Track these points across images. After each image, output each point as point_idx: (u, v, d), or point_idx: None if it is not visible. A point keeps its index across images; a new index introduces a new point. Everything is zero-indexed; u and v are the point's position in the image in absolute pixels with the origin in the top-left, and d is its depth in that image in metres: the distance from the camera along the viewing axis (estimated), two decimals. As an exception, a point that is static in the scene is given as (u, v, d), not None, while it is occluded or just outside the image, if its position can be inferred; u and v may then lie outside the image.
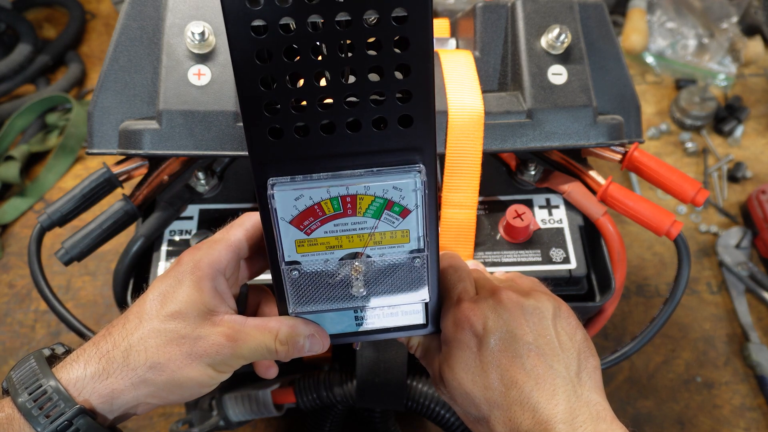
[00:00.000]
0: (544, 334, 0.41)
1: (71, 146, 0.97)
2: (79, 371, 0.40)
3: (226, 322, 0.41)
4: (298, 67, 0.35)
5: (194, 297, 0.41)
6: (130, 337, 0.40)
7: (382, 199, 0.39)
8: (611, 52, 0.61)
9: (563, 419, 0.38)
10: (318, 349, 0.43)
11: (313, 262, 0.40)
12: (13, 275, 0.88)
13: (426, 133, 0.38)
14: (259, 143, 0.37)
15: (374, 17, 0.34)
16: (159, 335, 0.40)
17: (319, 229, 0.39)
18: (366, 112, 0.36)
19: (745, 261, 0.89)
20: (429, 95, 0.37)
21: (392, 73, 0.35)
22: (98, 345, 0.41)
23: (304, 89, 0.35)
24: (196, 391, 0.41)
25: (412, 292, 0.42)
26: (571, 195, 0.58)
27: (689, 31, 1.09)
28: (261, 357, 0.42)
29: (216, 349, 0.40)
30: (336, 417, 0.69)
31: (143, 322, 0.41)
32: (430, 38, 0.35)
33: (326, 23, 0.33)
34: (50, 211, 0.54)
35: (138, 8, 0.56)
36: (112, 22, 1.15)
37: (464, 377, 0.41)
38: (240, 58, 0.34)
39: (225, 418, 0.67)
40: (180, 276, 0.42)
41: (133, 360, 0.40)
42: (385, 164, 0.38)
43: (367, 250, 0.40)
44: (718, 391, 0.81)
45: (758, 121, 1.05)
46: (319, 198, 0.38)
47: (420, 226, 0.40)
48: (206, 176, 0.58)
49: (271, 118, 0.36)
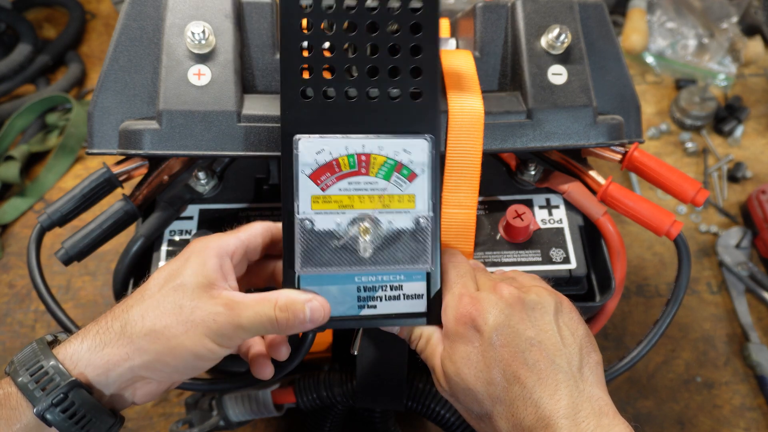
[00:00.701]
0: (545, 329, 0.41)
1: (71, 146, 0.97)
2: (76, 346, 0.41)
3: (224, 296, 0.41)
4: (332, 39, 0.43)
5: (198, 271, 0.42)
6: (129, 311, 0.41)
7: (393, 160, 0.44)
8: (611, 52, 0.61)
9: (566, 414, 0.38)
10: (319, 317, 0.43)
11: (325, 221, 0.44)
12: (13, 275, 0.88)
13: (432, 106, 0.45)
14: (292, 103, 0.43)
15: (396, 5, 0.43)
16: (158, 306, 0.41)
17: (334, 186, 0.44)
18: (383, 83, 0.44)
19: (745, 261, 0.89)
20: (435, 74, 0.44)
21: (407, 51, 0.44)
22: (98, 322, 0.42)
23: (335, 58, 0.44)
24: (191, 363, 0.41)
25: (416, 260, 0.45)
26: (571, 195, 0.58)
27: (689, 31, 1.09)
28: (262, 328, 0.42)
29: (213, 317, 0.40)
30: (336, 417, 0.68)
31: (144, 297, 0.41)
32: (438, 27, 0.44)
33: (358, 5, 0.43)
34: (50, 211, 0.54)
35: (138, 8, 0.56)
36: (112, 22, 1.15)
37: (466, 372, 0.41)
38: (287, 27, 0.43)
39: (225, 418, 0.67)
40: (188, 255, 0.43)
41: (130, 329, 0.40)
42: (397, 132, 0.44)
43: (375, 213, 0.44)
44: (718, 391, 0.81)
45: (758, 121, 1.05)
46: (338, 153, 0.44)
47: (426, 191, 0.45)
48: (206, 176, 0.58)
49: (304, 80, 0.43)
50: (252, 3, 0.56)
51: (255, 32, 0.56)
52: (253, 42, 0.57)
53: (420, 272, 0.46)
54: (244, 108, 0.53)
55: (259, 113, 0.53)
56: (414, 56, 0.44)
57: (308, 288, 0.45)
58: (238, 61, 0.54)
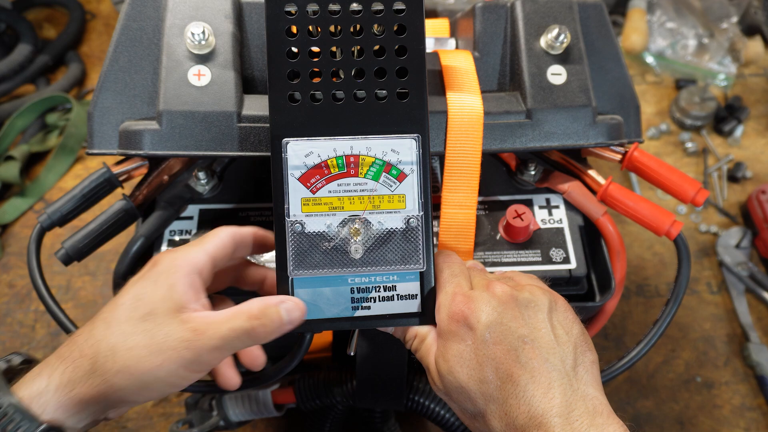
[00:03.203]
0: (539, 327, 0.41)
1: (71, 146, 0.97)
2: (42, 385, 0.38)
3: (194, 318, 0.40)
4: (318, 42, 0.44)
5: (166, 295, 0.40)
6: (98, 345, 0.39)
7: (381, 161, 0.44)
8: (611, 52, 0.61)
9: (558, 413, 0.38)
10: (296, 315, 0.42)
11: (315, 223, 0.44)
12: (13, 275, 0.88)
13: (419, 106, 0.45)
14: (280, 107, 0.44)
15: (380, 7, 0.43)
16: (127, 339, 0.39)
17: (324, 188, 0.44)
18: (369, 85, 0.44)
19: (745, 261, 0.89)
20: (422, 73, 0.44)
21: (392, 52, 0.44)
22: (62, 356, 0.40)
23: (321, 61, 0.44)
24: (165, 390, 0.40)
25: (408, 261, 0.45)
26: (571, 195, 0.58)
27: (689, 31, 1.09)
28: (239, 342, 0.41)
29: (186, 345, 0.39)
30: (336, 417, 0.68)
31: (112, 327, 0.40)
32: (423, 27, 0.44)
33: (343, 9, 0.43)
34: (50, 211, 0.54)
35: (138, 8, 0.56)
36: (112, 22, 1.15)
37: (460, 371, 0.41)
38: (273, 34, 0.43)
39: (225, 418, 0.67)
40: (155, 276, 0.41)
41: (101, 367, 0.39)
42: (385, 133, 0.45)
43: (365, 214, 0.44)
44: (718, 391, 0.81)
45: (758, 121, 1.05)
46: (327, 155, 0.44)
47: (415, 191, 0.45)
48: (206, 176, 0.58)
49: (291, 84, 0.44)
50: (252, 3, 0.56)
51: (255, 32, 0.56)
52: (253, 42, 0.57)
53: (413, 272, 0.46)
54: (244, 108, 0.53)
55: (258, 113, 0.53)
56: (400, 57, 0.44)
57: (302, 290, 0.45)
58: (238, 61, 0.54)
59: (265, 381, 0.58)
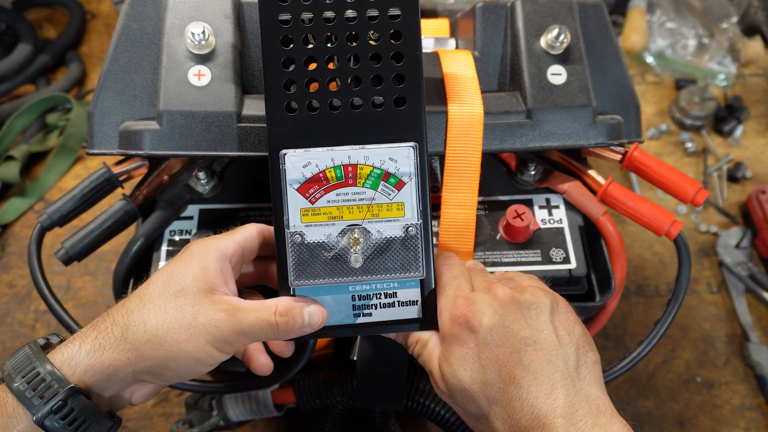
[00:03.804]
0: (541, 328, 0.41)
1: (71, 146, 0.97)
2: (74, 350, 0.40)
3: (225, 301, 0.42)
4: (314, 51, 0.43)
5: (198, 275, 0.42)
6: (130, 315, 0.41)
7: (379, 170, 0.44)
8: (611, 52, 0.61)
9: (562, 414, 0.38)
10: (317, 321, 0.44)
11: (315, 233, 0.44)
12: (13, 275, 0.88)
13: (417, 113, 0.44)
14: (278, 118, 0.43)
15: (375, 14, 0.43)
16: (159, 312, 0.41)
17: (323, 198, 0.44)
18: (366, 92, 0.44)
19: (745, 261, 0.89)
20: (418, 79, 0.44)
21: (389, 59, 0.44)
22: (96, 326, 0.41)
23: (317, 70, 0.44)
24: (192, 368, 0.41)
25: (407, 269, 0.45)
26: (571, 195, 0.58)
27: (689, 31, 1.09)
28: (263, 333, 0.42)
29: (215, 323, 0.40)
30: (336, 417, 0.69)
31: (144, 302, 0.41)
32: (419, 32, 0.44)
33: (337, 17, 0.43)
34: (50, 211, 0.54)
35: (138, 8, 0.56)
36: (112, 22, 1.15)
37: (462, 374, 0.41)
38: (268, 43, 0.43)
39: (225, 418, 0.67)
40: (188, 258, 0.43)
41: (132, 335, 0.40)
42: (383, 141, 0.44)
43: (365, 223, 0.44)
44: (718, 391, 0.81)
45: (758, 121, 1.05)
46: (325, 166, 0.44)
47: (413, 199, 0.44)
48: (206, 176, 0.58)
49: (288, 94, 0.43)
50: (252, 3, 0.56)
51: (255, 32, 0.56)
52: (253, 42, 0.57)
53: (413, 279, 0.46)
54: (244, 108, 0.53)
55: (258, 114, 0.53)
56: (396, 63, 0.44)
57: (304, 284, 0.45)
58: (238, 61, 0.54)
59: (268, 384, 0.58)
